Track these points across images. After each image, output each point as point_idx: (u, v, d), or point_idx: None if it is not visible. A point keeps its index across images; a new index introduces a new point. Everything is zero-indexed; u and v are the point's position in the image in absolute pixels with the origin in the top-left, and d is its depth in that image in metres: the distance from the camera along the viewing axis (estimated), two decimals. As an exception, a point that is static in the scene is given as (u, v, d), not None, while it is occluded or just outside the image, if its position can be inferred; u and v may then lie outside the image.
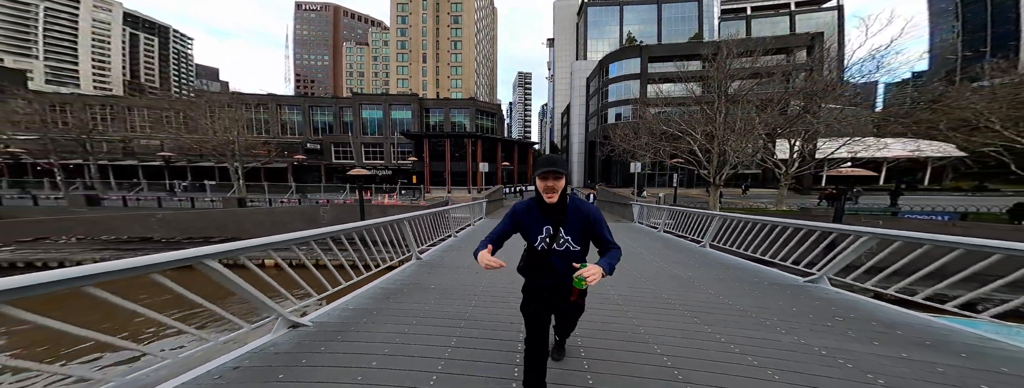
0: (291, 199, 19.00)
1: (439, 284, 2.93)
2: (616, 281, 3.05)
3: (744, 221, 4.41)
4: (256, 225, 12.55)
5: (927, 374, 1.53)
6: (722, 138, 11.89)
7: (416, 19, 49.87)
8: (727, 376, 1.54)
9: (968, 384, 1.44)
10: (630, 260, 4.04)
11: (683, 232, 6.09)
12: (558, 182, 1.19)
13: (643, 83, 30.31)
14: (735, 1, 63.18)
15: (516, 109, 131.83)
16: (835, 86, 12.93)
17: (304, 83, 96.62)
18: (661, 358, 1.69)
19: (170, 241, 11.99)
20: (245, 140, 20.47)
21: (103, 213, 12.85)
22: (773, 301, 2.62)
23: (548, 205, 1.23)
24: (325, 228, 2.41)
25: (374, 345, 1.80)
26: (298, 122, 32.61)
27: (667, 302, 2.56)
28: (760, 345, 1.84)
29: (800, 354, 1.74)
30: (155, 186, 22.62)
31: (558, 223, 1.24)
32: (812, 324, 2.15)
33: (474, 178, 29.08)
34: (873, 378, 1.50)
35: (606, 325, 2.10)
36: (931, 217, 10.05)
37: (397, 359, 1.66)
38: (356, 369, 1.56)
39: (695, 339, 1.91)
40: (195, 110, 19.89)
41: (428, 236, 4.82)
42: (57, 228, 11.66)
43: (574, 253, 1.26)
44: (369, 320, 2.16)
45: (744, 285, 3.04)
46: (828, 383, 1.47)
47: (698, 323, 2.16)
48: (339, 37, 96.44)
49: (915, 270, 2.24)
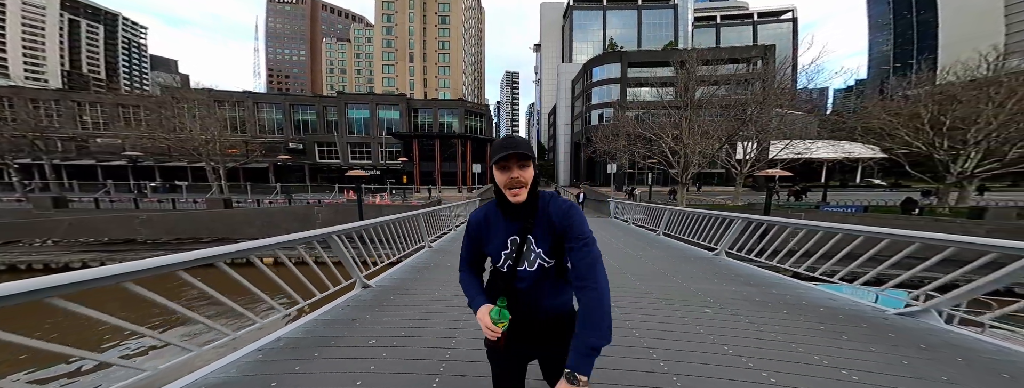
0: (277, 200, 18.71)
1: (451, 264, 3.81)
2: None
3: (686, 213, 5.78)
4: (248, 225, 12.56)
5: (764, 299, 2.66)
6: (686, 142, 13.60)
7: (402, 18, 49.14)
8: (635, 293, 2.68)
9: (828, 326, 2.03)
10: (601, 245, 5.24)
11: (652, 225, 7.45)
12: (525, 172, 0.82)
13: (623, 87, 32.29)
14: (707, 10, 67.70)
15: (504, 108, 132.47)
16: (784, 93, 15.09)
17: (277, 78, 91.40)
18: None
19: (157, 242, 11.74)
20: (226, 140, 19.79)
21: (77, 216, 12.28)
22: (687, 266, 3.86)
23: (513, 206, 0.86)
24: (356, 223, 3.04)
25: (422, 296, 2.64)
26: (278, 120, 31.46)
27: (619, 271, 3.64)
28: (663, 283, 3.18)
29: (689, 284, 3.08)
30: (121, 187, 21.21)
31: (526, 229, 0.86)
32: (706, 277, 3.36)
33: (464, 178, 29.66)
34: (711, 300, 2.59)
35: None
36: (844, 210, 12.05)
37: (433, 315, 2.28)
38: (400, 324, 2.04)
39: (632, 291, 2.94)
40: (170, 108, 18.95)
41: (435, 230, 5.78)
42: (29, 231, 11.07)
43: (548, 270, 0.88)
44: (416, 283, 3.10)
45: (673, 259, 4.30)
46: (694, 290, 2.57)
47: (635, 281, 3.22)
48: (317, 32, 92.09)
49: (786, 246, 3.35)
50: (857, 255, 2.56)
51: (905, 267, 2.33)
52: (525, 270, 0.87)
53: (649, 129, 15.86)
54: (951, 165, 12.27)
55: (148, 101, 22.38)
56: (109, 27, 79.07)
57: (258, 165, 27.05)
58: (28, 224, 11.26)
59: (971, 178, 12.06)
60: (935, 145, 12.29)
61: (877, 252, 2.51)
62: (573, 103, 44.63)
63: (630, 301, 2.58)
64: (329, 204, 15.18)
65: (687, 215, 5.69)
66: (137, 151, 19.71)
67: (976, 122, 11.34)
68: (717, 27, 65.11)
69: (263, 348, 1.71)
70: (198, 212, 13.21)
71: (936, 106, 12.33)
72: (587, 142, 29.83)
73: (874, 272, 2.56)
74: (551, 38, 62.78)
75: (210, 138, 18.65)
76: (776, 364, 1.62)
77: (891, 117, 13.23)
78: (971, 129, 11.42)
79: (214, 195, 17.43)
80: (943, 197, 12.98)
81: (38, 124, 19.00)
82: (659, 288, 2.97)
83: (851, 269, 2.61)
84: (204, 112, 18.94)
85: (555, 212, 0.85)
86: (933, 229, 4.64)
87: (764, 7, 65.54)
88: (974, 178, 12.10)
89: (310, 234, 2.31)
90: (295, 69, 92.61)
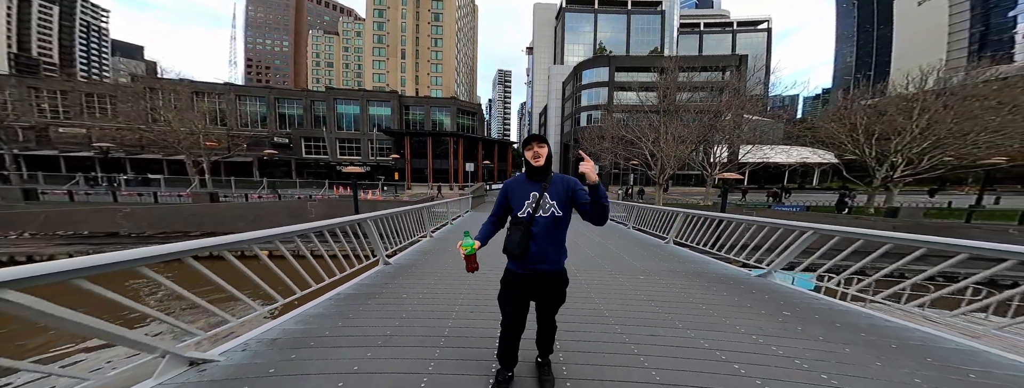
0: (264, 194, 18.40)
1: (454, 250, 4.48)
2: (569, 250, 5.10)
3: (651, 210, 6.67)
4: (239, 220, 12.48)
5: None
6: (662, 146, 14.75)
7: (395, 14, 48.36)
8: (594, 265, 3.44)
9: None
10: (576, 236, 5.94)
11: (623, 220, 8.44)
12: (542, 149, 1.26)
13: (610, 90, 33.55)
14: (691, 17, 70.77)
15: (495, 106, 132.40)
16: (753, 101, 16.54)
17: (257, 69, 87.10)
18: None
19: (140, 236, 11.49)
20: (209, 133, 19.19)
21: (52, 208, 11.80)
22: (641, 250, 4.70)
23: (535, 169, 1.29)
24: (380, 211, 3.77)
25: (441, 264, 3.30)
26: (262, 114, 30.46)
27: (585, 252, 4.37)
28: (616, 261, 3.90)
29: (635, 262, 3.74)
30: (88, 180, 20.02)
31: (544, 188, 1.28)
32: (650, 256, 4.19)
33: (456, 175, 29.96)
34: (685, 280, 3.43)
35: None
36: (790, 209, 13.65)
37: (447, 280, 2.93)
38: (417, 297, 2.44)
39: (593, 264, 3.68)
40: (148, 99, 18.15)
41: (433, 222, 6.34)
42: (2, 223, 10.58)
43: (559, 219, 1.27)
44: (432, 256, 3.77)
45: (632, 245, 5.16)
46: (644, 263, 3.42)
47: (597, 259, 3.99)
48: (303, 23, 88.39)
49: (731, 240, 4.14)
50: (775, 246, 3.17)
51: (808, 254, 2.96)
52: (541, 216, 1.26)
53: (632, 132, 16.93)
54: (877, 171, 14.06)
55: (124, 90, 21.21)
56: (66, 8, 72.57)
57: (241, 159, 26.19)
58: (4, 217, 10.76)
59: (896, 182, 13.64)
60: (866, 153, 13.93)
61: (776, 239, 3.28)
62: (563, 104, 45.55)
63: (591, 272, 3.41)
64: (321, 199, 15.22)
65: (647, 210, 6.69)
66: (106, 142, 18.69)
67: (899, 134, 12.97)
68: (700, 34, 68.30)
69: (276, 328, 1.74)
70: (184, 206, 12.98)
71: (865, 119, 14.10)
72: (575, 143, 30.83)
73: (784, 256, 3.15)
74: (543, 39, 63.60)
75: (192, 130, 18.05)
76: (677, 306, 2.44)
77: (835, 126, 14.93)
78: (894, 140, 13.06)
79: (198, 189, 16.96)
80: (871, 198, 14.79)
81: (2, 110, 17.71)
82: (613, 264, 3.80)
83: (762, 256, 3.38)
84: (186, 104, 18.27)
85: (567, 179, 1.33)
86: (846, 224, 5.66)
87: (743, 17, 69.32)
88: (897, 183, 13.66)
89: (346, 219, 2.85)
90: (277, 60, 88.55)
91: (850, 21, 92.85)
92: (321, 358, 1.55)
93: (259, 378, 1.37)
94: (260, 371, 1.42)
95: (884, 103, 14.55)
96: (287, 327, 1.83)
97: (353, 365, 1.49)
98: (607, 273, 3.35)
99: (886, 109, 13.91)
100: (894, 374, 1.51)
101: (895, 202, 14.06)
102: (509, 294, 1.32)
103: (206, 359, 1.44)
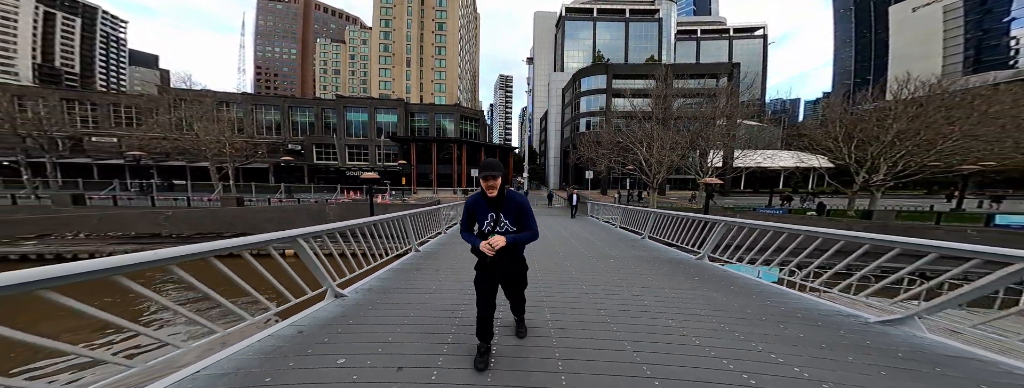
0: (282, 199, 19.77)
1: (465, 245, 5.58)
2: (560, 243, 6.28)
3: (637, 212, 7.59)
4: (267, 222, 13.80)
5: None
6: (654, 153, 15.89)
7: (400, 23, 50.31)
8: (578, 252, 4.64)
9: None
10: (565, 231, 7.01)
11: (611, 222, 9.40)
12: (496, 181, 1.57)
13: (608, 97, 34.80)
14: (689, 24, 72.16)
15: (497, 111, 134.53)
16: (748, 107, 17.43)
17: (266, 76, 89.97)
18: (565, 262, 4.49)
19: (181, 237, 12.83)
20: (234, 141, 20.73)
21: (104, 211, 13.18)
22: (622, 244, 5.75)
23: (491, 199, 1.63)
24: (400, 212, 4.84)
25: (460, 254, 4.37)
26: (277, 122, 32.13)
27: (574, 245, 5.46)
28: (596, 250, 4.89)
29: (609, 249, 4.88)
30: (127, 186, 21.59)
31: (499, 210, 1.63)
32: (631, 248, 5.23)
33: (459, 180, 31.24)
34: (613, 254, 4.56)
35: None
36: (772, 211, 14.70)
37: (464, 269, 3.74)
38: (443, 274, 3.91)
39: (579, 253, 4.80)
40: (181, 110, 19.76)
41: (443, 222, 7.48)
42: (61, 225, 11.96)
43: (512, 234, 1.63)
44: (448, 247, 4.83)
45: (618, 241, 6.08)
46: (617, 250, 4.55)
47: (578, 247, 5.05)
48: (309, 31, 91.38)
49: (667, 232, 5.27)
50: (741, 244, 3.75)
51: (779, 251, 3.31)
52: (497, 232, 1.64)
53: (626, 138, 18.04)
54: (856, 176, 15.03)
55: (158, 102, 22.99)
56: (87, 20, 76.02)
57: (259, 165, 27.76)
58: (60, 219, 12.15)
59: (878, 186, 14.50)
60: (848, 159, 14.90)
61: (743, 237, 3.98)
62: (563, 110, 46.73)
63: (573, 256, 4.52)
64: (336, 203, 16.53)
65: (630, 211, 7.82)
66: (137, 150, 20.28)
67: (878, 139, 13.99)
68: (697, 40, 69.62)
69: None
70: (217, 209, 14.32)
71: (843, 127, 15.11)
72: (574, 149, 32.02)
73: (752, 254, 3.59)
74: (544, 47, 65.34)
75: (219, 139, 19.58)
76: (629, 275, 3.46)
77: (820, 132, 15.96)
78: (871, 146, 14.05)
79: (224, 194, 18.36)
80: (851, 201, 15.70)
81: (47, 122, 19.42)
82: (591, 251, 4.97)
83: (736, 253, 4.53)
84: (212, 114, 19.84)
85: (518, 203, 1.66)
86: (821, 225, 6.41)
87: (739, 24, 70.56)
88: (879, 187, 14.49)
89: (392, 216, 4.04)
90: (285, 67, 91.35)
91: (847, 26, 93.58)
92: (391, 302, 2.54)
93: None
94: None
95: (861, 111, 15.50)
96: (361, 290, 2.79)
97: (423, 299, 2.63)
98: (585, 259, 4.45)
99: (863, 117, 14.84)
100: (790, 336, 1.93)
101: (878, 205, 14.87)
102: (479, 279, 1.69)
103: (341, 294, 2.50)
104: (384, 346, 1.77)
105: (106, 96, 28.15)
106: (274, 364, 1.56)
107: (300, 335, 1.87)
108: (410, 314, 2.29)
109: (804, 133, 17.96)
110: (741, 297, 2.73)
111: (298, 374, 1.50)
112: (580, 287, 3.05)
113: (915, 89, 14.19)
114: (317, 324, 2.04)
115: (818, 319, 2.25)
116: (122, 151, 24.20)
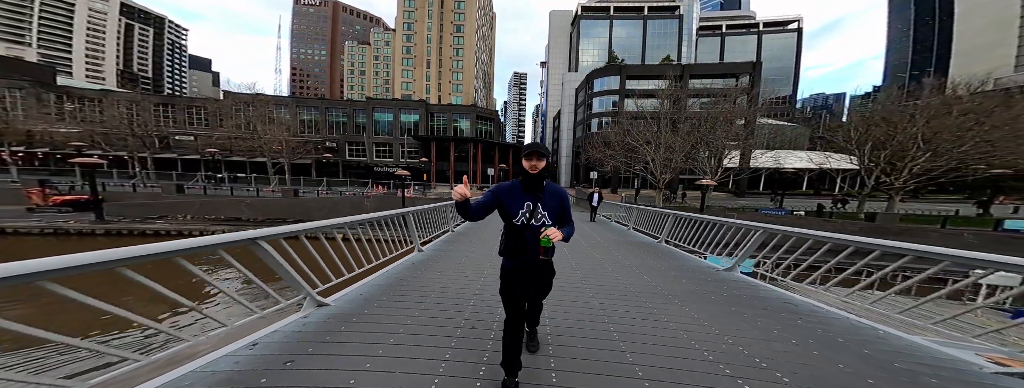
0: (323, 191, 23.24)
1: (479, 234, 7.08)
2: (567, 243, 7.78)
3: (643, 211, 7.76)
4: (318, 210, 16.98)
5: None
6: (660, 155, 16.84)
7: (421, 26, 52.80)
8: (585, 248, 6.33)
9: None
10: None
11: (624, 221, 9.19)
12: (540, 162, 1.41)
13: (621, 98, 35.25)
14: (712, 19, 68.70)
15: (511, 108, 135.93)
16: (773, 105, 17.07)
17: (300, 77, 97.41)
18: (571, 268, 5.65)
19: (256, 220, 16.27)
20: (291, 140, 24.65)
21: (198, 199, 16.97)
22: (635, 248, 5.57)
23: (531, 179, 1.42)
24: (401, 209, 6.87)
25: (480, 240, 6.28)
26: (315, 121, 36.26)
27: (585, 245, 5.83)
28: (604, 245, 5.67)
29: (609, 249, 5.80)
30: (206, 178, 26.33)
31: (538, 198, 1.42)
32: (625, 244, 5.94)
33: (474, 176, 33.69)
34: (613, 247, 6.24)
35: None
36: (776, 213, 15.45)
37: (485, 249, 5.29)
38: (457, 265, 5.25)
39: (587, 252, 5.17)
40: (252, 112, 23.91)
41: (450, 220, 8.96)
42: (171, 209, 15.81)
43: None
44: (454, 245, 6.90)
45: (625, 242, 6.06)
46: (605, 244, 6.28)
47: (586, 247, 5.23)
48: (338, 33, 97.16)
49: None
50: (730, 241, 4.12)
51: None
52: (532, 226, 1.45)
53: (635, 139, 18.70)
54: (866, 179, 15.32)
55: (224, 105, 27.68)
56: (156, 29, 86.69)
57: (303, 161, 31.93)
58: (170, 204, 16.00)
59: (897, 190, 14.45)
60: (863, 162, 15.15)
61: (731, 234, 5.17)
62: (576, 110, 47.22)
63: (580, 249, 4.93)
64: (370, 195, 19.53)
65: (643, 212, 7.71)
66: (213, 148, 24.72)
67: (891, 143, 14.15)
68: (722, 36, 66.19)
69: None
70: (280, 199, 17.76)
71: (857, 132, 15.35)
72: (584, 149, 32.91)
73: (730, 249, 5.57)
74: (559, 45, 65.39)
75: (278, 139, 23.45)
76: (636, 275, 3.56)
77: (840, 135, 15.94)
78: (886, 149, 14.28)
79: (281, 186, 22.06)
80: (861, 204, 15.97)
81: (154, 123, 24.40)
82: (600, 251, 5.14)
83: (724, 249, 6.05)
84: (283, 117, 23.74)
85: (559, 192, 1.53)
86: (813, 227, 7.12)
87: (770, 17, 66.04)
88: (898, 191, 14.42)
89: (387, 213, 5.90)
90: (316, 68, 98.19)
91: (906, 13, 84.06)
92: (407, 291, 2.66)
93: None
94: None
95: (876, 114, 15.19)
96: (379, 280, 2.90)
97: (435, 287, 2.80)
98: (590, 250, 4.93)
99: (875, 121, 14.67)
100: (769, 323, 2.10)
101: (897, 209, 14.90)
102: (507, 288, 1.47)
103: (323, 303, 2.23)
104: (373, 361, 1.57)
105: (182, 100, 33.65)
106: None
107: (268, 355, 1.58)
108: (407, 322, 2.06)
109: (824, 135, 17.62)
110: (801, 332, 2.11)
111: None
112: (591, 299, 2.67)
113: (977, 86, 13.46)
114: (286, 340, 1.74)
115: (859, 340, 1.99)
116: (198, 148, 29.15)
